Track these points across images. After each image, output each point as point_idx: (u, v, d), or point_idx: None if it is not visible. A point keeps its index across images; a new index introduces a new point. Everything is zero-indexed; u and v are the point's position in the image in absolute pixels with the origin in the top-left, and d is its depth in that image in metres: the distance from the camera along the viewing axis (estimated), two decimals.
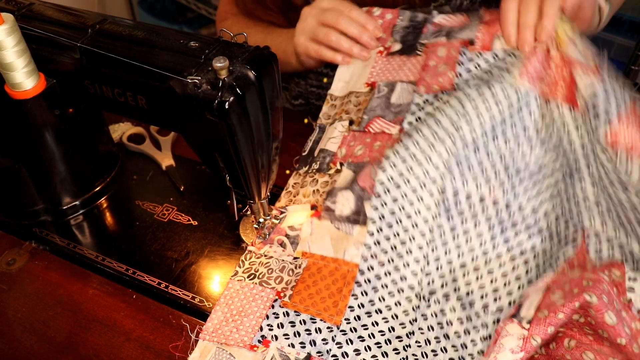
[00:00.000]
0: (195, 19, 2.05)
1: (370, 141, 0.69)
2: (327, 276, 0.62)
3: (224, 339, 0.57)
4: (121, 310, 0.63)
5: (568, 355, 0.52)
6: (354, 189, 0.65)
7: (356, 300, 0.60)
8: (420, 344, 0.57)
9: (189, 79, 0.53)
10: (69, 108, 0.68)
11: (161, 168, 0.82)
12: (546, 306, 0.53)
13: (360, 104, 0.74)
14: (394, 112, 0.70)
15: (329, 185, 0.69)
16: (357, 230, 0.64)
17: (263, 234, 0.68)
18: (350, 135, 0.71)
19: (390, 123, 0.69)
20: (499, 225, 0.62)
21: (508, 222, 0.62)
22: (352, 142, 0.70)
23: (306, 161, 0.74)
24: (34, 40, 0.61)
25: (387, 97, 0.72)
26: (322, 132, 0.76)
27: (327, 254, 0.64)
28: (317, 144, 0.75)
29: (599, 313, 0.50)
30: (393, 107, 0.70)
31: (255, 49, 0.56)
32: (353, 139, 0.71)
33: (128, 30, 0.60)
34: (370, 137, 0.69)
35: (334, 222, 0.65)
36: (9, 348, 0.60)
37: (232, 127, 0.54)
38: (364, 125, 0.71)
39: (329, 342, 0.57)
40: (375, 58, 0.77)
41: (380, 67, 0.75)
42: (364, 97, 0.74)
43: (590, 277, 0.53)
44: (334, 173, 0.69)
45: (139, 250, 0.69)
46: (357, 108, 0.74)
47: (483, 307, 0.59)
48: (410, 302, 0.60)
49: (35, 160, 0.70)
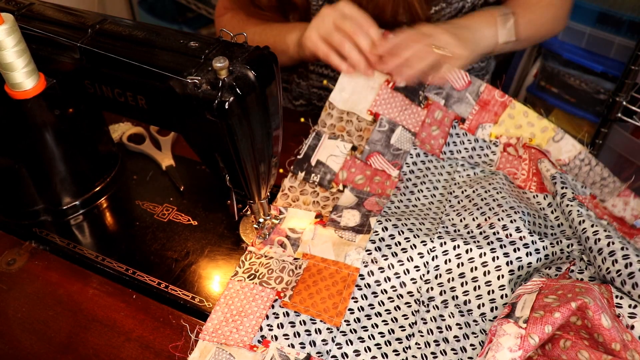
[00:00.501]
0: (195, 19, 2.05)
1: (370, 174, 0.75)
2: (327, 278, 0.62)
3: (224, 339, 0.57)
4: (121, 310, 0.63)
5: (564, 355, 0.52)
6: (360, 209, 0.70)
7: (356, 303, 0.60)
8: (420, 346, 0.58)
9: (189, 79, 0.53)
10: (69, 108, 0.68)
11: (161, 168, 0.82)
12: (541, 307, 0.53)
13: (362, 130, 0.78)
14: (393, 153, 0.77)
15: (330, 201, 0.73)
16: (359, 238, 0.66)
17: (263, 234, 0.68)
18: (352, 161, 0.76)
19: (390, 164, 0.76)
20: (498, 242, 0.63)
21: (506, 240, 0.63)
22: (353, 168, 0.75)
23: (302, 166, 0.76)
24: (34, 40, 0.61)
25: (388, 135, 0.78)
26: (318, 138, 0.77)
27: (328, 257, 0.64)
28: (312, 150, 0.77)
29: (595, 314, 0.51)
30: (392, 149, 0.77)
31: (255, 49, 0.56)
32: (354, 165, 0.75)
33: (128, 30, 0.60)
34: (371, 171, 0.75)
35: (337, 231, 0.67)
36: (9, 348, 0.60)
37: (232, 127, 0.54)
38: (365, 155, 0.77)
39: (328, 342, 0.57)
40: (382, 86, 0.80)
41: (384, 98, 0.80)
42: (366, 126, 0.79)
43: (581, 285, 0.55)
44: (335, 191, 0.74)
45: (139, 250, 0.69)
46: (358, 134, 0.78)
47: (481, 315, 0.60)
48: (410, 307, 0.61)
49: (35, 160, 0.70)
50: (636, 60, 1.08)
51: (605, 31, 1.33)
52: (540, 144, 0.79)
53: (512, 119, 0.80)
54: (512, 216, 0.65)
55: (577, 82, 1.42)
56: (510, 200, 0.69)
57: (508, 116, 0.80)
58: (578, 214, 0.65)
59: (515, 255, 0.62)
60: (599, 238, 0.61)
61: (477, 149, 0.80)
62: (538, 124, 0.79)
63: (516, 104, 0.81)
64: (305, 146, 0.77)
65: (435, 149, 0.79)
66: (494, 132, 0.81)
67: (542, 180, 0.74)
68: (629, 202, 0.71)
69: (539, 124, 0.79)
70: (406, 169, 0.76)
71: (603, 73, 1.37)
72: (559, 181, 0.70)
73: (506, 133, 0.80)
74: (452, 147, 0.80)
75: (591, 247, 0.61)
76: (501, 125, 0.80)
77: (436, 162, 0.77)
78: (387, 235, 0.65)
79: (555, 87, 1.48)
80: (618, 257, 0.58)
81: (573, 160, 0.76)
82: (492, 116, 0.81)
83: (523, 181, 0.76)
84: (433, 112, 0.80)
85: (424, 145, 0.78)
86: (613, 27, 1.34)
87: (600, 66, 1.36)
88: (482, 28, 0.84)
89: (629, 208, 0.70)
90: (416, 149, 0.77)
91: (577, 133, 0.80)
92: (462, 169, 0.77)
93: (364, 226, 0.67)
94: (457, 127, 0.80)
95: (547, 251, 0.64)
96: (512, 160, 0.78)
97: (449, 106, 0.81)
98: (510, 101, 0.81)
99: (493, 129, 0.81)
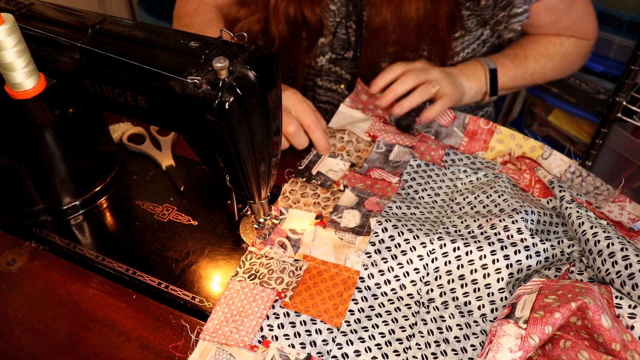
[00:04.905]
0: None
1: (370, 183, 0.76)
2: (327, 279, 0.63)
3: (224, 339, 0.57)
4: (121, 310, 0.63)
5: (564, 355, 0.52)
6: (360, 210, 0.70)
7: (356, 305, 0.61)
8: (421, 347, 0.58)
9: (189, 79, 0.53)
10: (69, 108, 0.68)
11: (161, 168, 0.82)
12: (541, 308, 0.53)
13: (360, 151, 0.81)
14: (392, 166, 0.79)
15: (330, 201, 0.73)
16: (359, 240, 0.66)
17: (263, 234, 0.68)
18: (351, 174, 0.77)
19: (390, 174, 0.78)
20: (499, 243, 0.63)
21: (507, 241, 0.63)
22: (353, 179, 0.76)
23: (303, 174, 0.77)
24: (34, 40, 0.61)
25: (386, 155, 0.81)
26: (318, 156, 0.80)
27: (328, 260, 0.65)
28: (313, 164, 0.79)
29: (596, 314, 0.51)
30: (391, 163, 0.80)
31: (256, 49, 0.56)
32: (354, 177, 0.77)
33: (128, 30, 0.60)
34: (371, 181, 0.76)
35: (338, 232, 0.67)
36: (9, 348, 0.60)
37: (232, 127, 0.54)
38: (364, 170, 0.79)
39: (329, 342, 0.57)
40: (375, 120, 0.85)
41: (379, 127, 0.84)
42: (364, 147, 0.82)
43: (581, 285, 0.55)
44: (336, 191, 0.74)
45: (139, 250, 0.69)
46: (357, 154, 0.81)
47: (481, 315, 0.60)
48: (410, 309, 0.61)
49: (35, 160, 0.70)
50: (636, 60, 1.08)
51: (605, 31, 1.33)
52: None
53: (501, 143, 0.82)
54: (513, 217, 0.65)
55: (577, 82, 1.42)
56: (513, 202, 0.69)
57: (497, 141, 0.82)
58: (577, 215, 0.65)
59: (515, 257, 0.62)
60: (599, 240, 0.61)
61: (477, 164, 0.81)
62: (526, 145, 0.81)
63: (501, 128, 0.83)
64: (307, 160, 0.79)
65: (435, 159, 0.80)
66: (488, 157, 0.82)
67: (546, 186, 0.74)
68: (625, 207, 0.71)
69: (526, 145, 0.81)
70: (407, 177, 0.76)
71: (603, 73, 1.37)
72: (556, 185, 0.70)
73: (499, 155, 0.82)
74: (453, 157, 0.81)
75: (591, 249, 0.61)
76: (492, 150, 0.82)
77: (438, 170, 0.78)
78: (387, 237, 0.65)
79: (555, 87, 1.48)
80: (618, 258, 0.58)
81: (564, 174, 0.77)
82: (482, 144, 0.83)
83: (526, 186, 0.76)
84: (427, 141, 0.83)
85: (423, 157, 0.80)
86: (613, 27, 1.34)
87: (600, 66, 1.36)
88: (470, 82, 0.89)
89: (625, 213, 0.70)
90: (416, 160, 0.79)
91: (577, 133, 0.81)
92: (465, 175, 0.77)
93: (364, 227, 0.67)
94: (450, 153, 0.82)
95: (548, 253, 0.64)
96: (512, 174, 0.78)
97: (440, 140, 0.84)
98: (495, 127, 0.83)
99: (486, 155, 0.82)
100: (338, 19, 0.91)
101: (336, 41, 0.94)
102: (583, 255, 0.64)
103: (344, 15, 0.90)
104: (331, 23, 0.91)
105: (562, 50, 0.95)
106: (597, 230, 0.62)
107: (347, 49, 0.94)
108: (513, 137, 0.81)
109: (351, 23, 0.91)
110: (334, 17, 0.91)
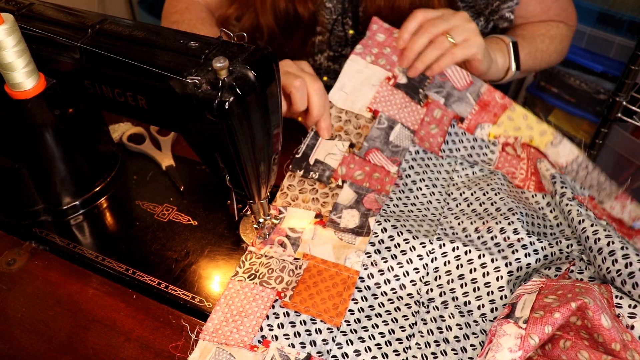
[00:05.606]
0: None
1: (369, 170, 0.74)
2: (327, 279, 0.63)
3: (224, 339, 0.57)
4: (121, 310, 0.63)
5: (564, 355, 0.52)
6: (359, 209, 0.70)
7: (356, 305, 0.61)
8: (421, 346, 0.58)
9: (189, 79, 0.53)
10: (69, 108, 0.68)
11: (161, 168, 0.82)
12: (541, 307, 0.53)
13: (360, 128, 0.78)
14: (392, 150, 0.77)
15: (329, 197, 0.72)
16: (359, 240, 0.66)
17: (263, 234, 0.68)
18: (350, 157, 0.75)
19: (389, 160, 0.76)
20: (496, 247, 0.64)
21: (504, 244, 0.64)
22: (352, 164, 0.75)
23: (300, 165, 0.76)
24: (34, 40, 0.61)
25: (387, 132, 0.78)
26: (316, 137, 0.78)
27: (328, 259, 0.65)
28: (311, 150, 0.77)
29: (595, 314, 0.51)
30: (391, 146, 0.77)
31: (255, 49, 0.56)
32: (352, 161, 0.75)
33: (128, 30, 0.60)
34: (370, 167, 0.75)
35: (337, 233, 0.67)
36: (9, 348, 0.60)
37: (232, 127, 0.54)
38: (364, 152, 0.76)
39: (329, 342, 0.57)
40: (382, 83, 0.80)
41: (384, 96, 0.80)
42: (365, 123, 0.79)
43: (581, 285, 0.55)
44: (334, 187, 0.73)
45: (139, 250, 0.69)
46: (357, 131, 0.78)
47: (481, 315, 0.60)
48: (410, 308, 0.61)
49: (35, 160, 0.70)
50: (636, 60, 1.08)
51: (605, 31, 1.34)
52: (538, 147, 0.79)
53: (511, 120, 0.80)
54: (509, 218, 0.66)
55: (577, 82, 1.42)
56: (509, 201, 0.69)
57: (507, 118, 0.81)
58: (578, 213, 0.65)
59: (514, 257, 0.62)
60: (599, 238, 0.61)
61: (476, 148, 0.80)
62: (537, 128, 0.79)
63: (516, 106, 0.81)
64: (304, 145, 0.77)
65: (434, 147, 0.79)
66: (492, 132, 0.81)
67: (541, 180, 0.74)
68: (627, 205, 0.71)
69: (537, 128, 0.79)
70: (405, 165, 0.75)
71: (603, 73, 1.37)
72: (558, 181, 0.70)
73: (504, 134, 0.80)
74: (451, 146, 0.80)
75: (591, 247, 0.62)
76: (500, 126, 0.81)
77: (435, 160, 0.78)
78: (387, 237, 0.65)
79: (555, 87, 1.48)
80: (618, 257, 0.58)
81: (570, 165, 0.77)
82: (492, 117, 0.81)
83: (522, 180, 0.76)
84: (432, 111, 0.80)
85: (422, 143, 0.78)
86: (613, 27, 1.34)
87: (600, 66, 1.36)
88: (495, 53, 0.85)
89: (627, 211, 0.70)
90: (415, 146, 0.77)
91: (576, 133, 0.81)
92: (461, 168, 0.77)
93: (364, 228, 0.67)
94: (455, 126, 0.80)
95: (546, 251, 0.64)
96: (511, 160, 0.78)
97: (449, 105, 0.81)
98: (510, 103, 0.81)
99: (492, 129, 0.81)
100: (334, 16, 0.91)
101: (333, 38, 0.94)
102: (583, 253, 0.64)
103: (340, 12, 0.90)
104: (327, 20, 0.92)
105: (560, 32, 0.97)
106: (597, 228, 0.62)
107: (345, 45, 0.94)
108: (525, 118, 0.79)
109: (347, 20, 0.91)
110: (330, 14, 0.91)
